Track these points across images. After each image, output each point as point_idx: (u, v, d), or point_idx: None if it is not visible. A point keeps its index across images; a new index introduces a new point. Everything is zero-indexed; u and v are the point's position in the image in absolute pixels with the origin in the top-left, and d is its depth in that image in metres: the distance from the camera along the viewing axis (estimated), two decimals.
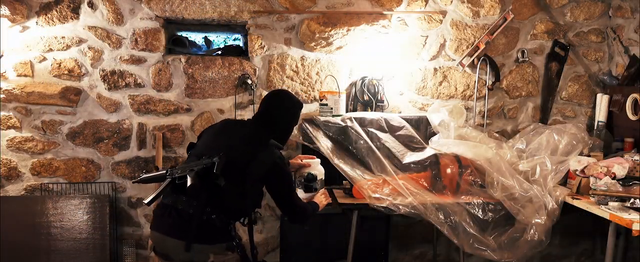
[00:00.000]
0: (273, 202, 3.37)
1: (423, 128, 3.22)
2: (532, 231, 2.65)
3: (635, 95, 3.08)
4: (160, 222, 2.11)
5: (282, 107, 2.36)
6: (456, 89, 3.38)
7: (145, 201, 2.01)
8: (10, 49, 3.09)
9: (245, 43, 3.29)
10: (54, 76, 3.14)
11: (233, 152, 2.11)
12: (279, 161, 2.20)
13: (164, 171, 2.11)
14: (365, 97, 3.26)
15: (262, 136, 2.24)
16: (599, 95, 3.38)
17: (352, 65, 3.29)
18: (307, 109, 3.32)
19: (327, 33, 3.15)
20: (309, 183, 2.72)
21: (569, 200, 2.70)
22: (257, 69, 3.24)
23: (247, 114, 3.25)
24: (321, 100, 3.15)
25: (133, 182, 3.02)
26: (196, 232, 2.01)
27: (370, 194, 2.70)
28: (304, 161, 2.73)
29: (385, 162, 2.89)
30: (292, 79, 3.27)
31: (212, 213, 2.04)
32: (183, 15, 3.14)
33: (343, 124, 3.04)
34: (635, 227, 2.28)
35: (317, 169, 2.76)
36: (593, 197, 2.59)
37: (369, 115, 3.13)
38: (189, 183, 1.97)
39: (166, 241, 2.07)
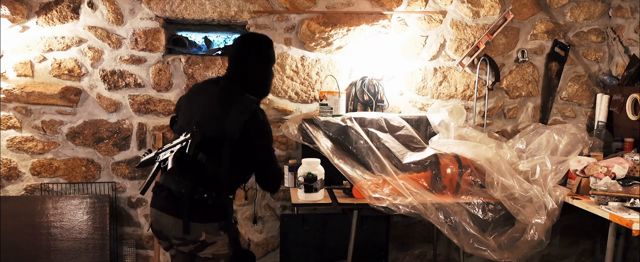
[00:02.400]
0: (273, 202, 3.41)
1: (423, 128, 3.22)
2: (532, 231, 2.65)
3: (635, 95, 3.08)
4: (157, 199, 2.13)
5: (249, 53, 2.17)
6: (456, 89, 3.38)
7: (139, 190, 2.05)
8: (10, 49, 3.09)
9: None
10: (54, 76, 3.15)
11: (207, 121, 2.05)
12: (258, 111, 2.08)
13: (153, 154, 2.12)
14: (365, 97, 3.26)
15: (235, 92, 2.12)
16: (599, 95, 3.38)
17: (352, 65, 3.29)
18: (307, 109, 3.32)
19: (327, 33, 3.15)
20: (309, 183, 2.72)
21: (569, 200, 2.70)
22: None
23: None
24: (321, 100, 3.15)
25: (136, 167, 3.02)
26: (189, 211, 2.02)
27: (370, 194, 2.70)
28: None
29: (385, 162, 2.89)
30: (292, 79, 3.27)
31: (204, 192, 2.03)
32: (183, 15, 3.14)
33: (343, 124, 3.04)
34: (635, 227, 2.28)
35: (317, 169, 2.76)
36: (593, 197, 2.59)
37: (369, 115, 3.13)
38: (169, 167, 1.98)
39: (162, 217, 2.10)
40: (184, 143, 2.01)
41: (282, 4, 3.18)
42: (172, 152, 2.01)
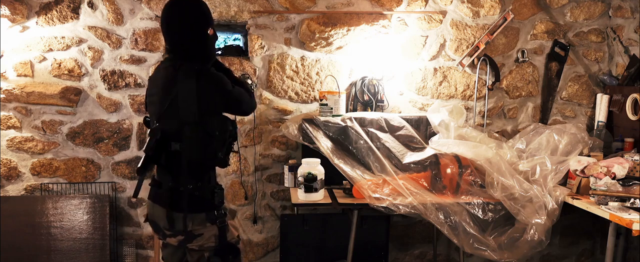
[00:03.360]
0: (273, 202, 3.41)
1: (423, 128, 3.22)
2: (532, 231, 2.65)
3: (635, 95, 3.08)
4: (151, 191, 2.14)
5: (174, 20, 2.03)
6: (456, 89, 3.38)
7: (132, 196, 2.12)
8: (10, 49, 3.08)
9: (245, 43, 3.29)
10: (54, 76, 3.14)
11: (164, 111, 2.01)
12: (200, 72, 1.98)
13: (142, 158, 2.10)
14: (365, 97, 3.26)
15: (176, 67, 2.01)
16: (599, 95, 3.38)
17: (352, 65, 3.29)
18: (307, 109, 3.32)
19: (327, 33, 3.15)
20: (309, 183, 2.72)
21: (569, 200, 2.70)
22: (257, 69, 3.24)
23: None
24: (321, 100, 3.15)
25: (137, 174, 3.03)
26: (172, 201, 2.03)
27: (370, 194, 2.70)
28: None
29: (385, 162, 2.89)
30: (292, 79, 3.27)
31: (188, 183, 2.02)
32: None
33: (343, 124, 3.04)
34: (635, 227, 2.28)
35: (317, 169, 2.76)
36: (593, 197, 2.59)
37: (369, 115, 3.13)
38: (138, 173, 2.00)
39: (154, 209, 2.11)
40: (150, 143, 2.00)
41: (282, 4, 3.18)
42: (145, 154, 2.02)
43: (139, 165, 2.04)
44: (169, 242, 2.17)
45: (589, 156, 2.94)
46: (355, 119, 3.07)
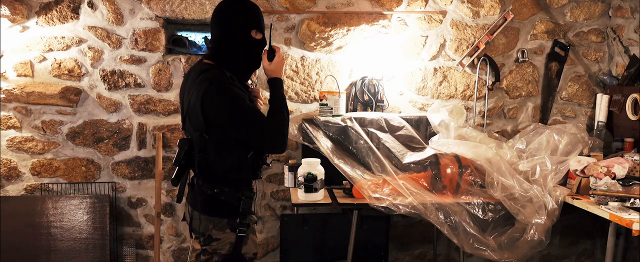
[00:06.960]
0: (273, 202, 3.41)
1: (423, 128, 3.22)
2: (532, 231, 2.65)
3: (635, 95, 3.08)
4: (189, 193, 2.13)
5: (214, 22, 1.92)
6: (456, 89, 3.38)
7: (176, 201, 2.09)
8: (10, 49, 3.09)
9: None
10: (54, 76, 3.15)
11: (186, 117, 1.98)
12: (212, 80, 1.81)
13: (177, 167, 2.10)
14: (365, 97, 3.26)
15: (199, 70, 1.91)
16: (599, 95, 3.38)
17: (352, 65, 3.29)
18: (307, 109, 3.32)
19: (327, 33, 3.15)
20: (309, 183, 2.72)
21: (569, 200, 2.70)
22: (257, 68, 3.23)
23: None
24: (321, 100, 3.15)
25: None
26: (200, 203, 2.01)
27: (370, 194, 2.70)
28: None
29: (385, 162, 2.89)
30: (292, 79, 3.27)
31: (214, 187, 1.97)
32: (183, 15, 3.14)
33: (343, 124, 3.04)
34: (635, 227, 2.28)
35: (317, 169, 2.76)
36: (593, 197, 2.59)
37: (369, 115, 3.13)
38: (172, 182, 2.03)
39: (187, 209, 2.11)
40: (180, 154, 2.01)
41: (282, 4, 3.18)
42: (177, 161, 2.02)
43: (172, 176, 2.02)
44: (195, 247, 2.10)
45: (589, 156, 2.94)
46: (355, 119, 3.07)
